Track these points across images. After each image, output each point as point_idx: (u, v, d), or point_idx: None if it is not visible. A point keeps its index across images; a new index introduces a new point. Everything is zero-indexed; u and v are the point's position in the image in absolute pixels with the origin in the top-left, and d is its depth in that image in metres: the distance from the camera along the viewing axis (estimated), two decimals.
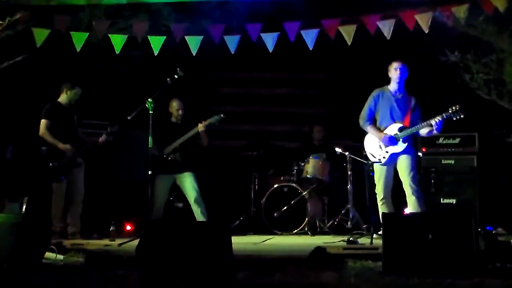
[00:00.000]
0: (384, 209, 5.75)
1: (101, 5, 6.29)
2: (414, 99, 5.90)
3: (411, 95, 5.93)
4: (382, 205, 5.83)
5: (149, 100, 5.88)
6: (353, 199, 7.05)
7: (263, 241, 6.18)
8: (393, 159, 5.84)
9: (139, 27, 6.28)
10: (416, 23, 5.86)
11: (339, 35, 6.10)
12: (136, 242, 3.99)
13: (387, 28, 5.99)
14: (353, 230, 6.73)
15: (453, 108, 5.47)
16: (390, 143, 5.79)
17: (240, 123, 8.60)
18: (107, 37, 6.28)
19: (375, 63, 6.47)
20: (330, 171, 7.35)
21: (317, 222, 7.13)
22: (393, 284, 3.72)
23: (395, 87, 5.92)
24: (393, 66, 5.91)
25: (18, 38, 6.02)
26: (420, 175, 6.49)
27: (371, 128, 5.97)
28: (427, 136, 5.90)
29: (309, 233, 6.95)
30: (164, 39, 6.31)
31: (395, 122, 5.86)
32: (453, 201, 6.74)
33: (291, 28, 6.13)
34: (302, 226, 7.01)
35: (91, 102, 6.92)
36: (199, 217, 6.42)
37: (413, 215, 5.24)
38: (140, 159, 6.64)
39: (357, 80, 7.68)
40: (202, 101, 8.34)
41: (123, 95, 7.35)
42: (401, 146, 5.78)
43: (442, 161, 6.89)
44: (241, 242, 5.82)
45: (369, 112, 5.99)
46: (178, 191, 6.83)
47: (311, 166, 7.30)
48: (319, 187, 7.29)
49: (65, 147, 6.21)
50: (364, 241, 5.71)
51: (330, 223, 7.09)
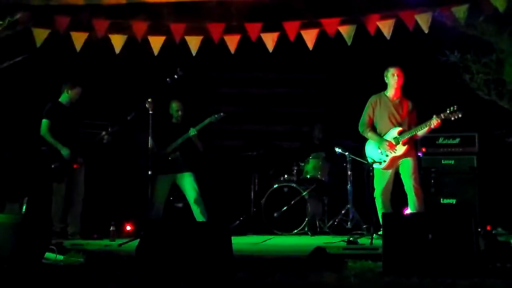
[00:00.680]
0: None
1: (101, 5, 6.28)
2: (411, 103, 5.94)
3: (408, 98, 5.96)
4: (380, 210, 5.83)
5: (149, 100, 5.89)
6: (353, 199, 7.05)
7: (263, 241, 6.19)
8: (394, 163, 5.86)
9: (139, 27, 6.28)
10: (416, 23, 5.87)
11: (339, 35, 6.10)
12: (136, 242, 3.99)
13: (387, 28, 5.99)
14: (353, 230, 6.74)
15: (451, 108, 5.49)
16: (390, 148, 5.80)
17: (240, 123, 8.59)
18: (107, 37, 6.29)
19: (374, 63, 6.46)
20: (330, 171, 7.35)
21: (317, 222, 7.14)
22: (393, 284, 3.71)
23: (392, 93, 5.94)
24: (390, 72, 5.92)
25: (18, 38, 6.01)
26: (420, 175, 6.48)
27: (371, 134, 5.99)
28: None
29: (309, 233, 6.95)
30: (164, 39, 6.30)
31: (394, 127, 5.88)
32: (453, 201, 6.74)
33: (291, 28, 6.13)
34: (302, 226, 7.02)
35: (91, 102, 6.92)
36: (199, 217, 6.42)
37: (413, 215, 5.26)
38: (140, 159, 6.64)
39: (357, 80, 7.68)
40: (201, 101, 8.34)
41: (123, 95, 7.35)
42: (401, 149, 5.80)
43: (442, 161, 6.90)
44: (241, 242, 5.83)
45: (368, 118, 6.02)
46: (178, 191, 6.84)
47: (311, 166, 7.31)
48: (319, 187, 7.29)
49: (63, 153, 6.20)
50: (364, 241, 5.71)
51: (330, 223, 7.09)
